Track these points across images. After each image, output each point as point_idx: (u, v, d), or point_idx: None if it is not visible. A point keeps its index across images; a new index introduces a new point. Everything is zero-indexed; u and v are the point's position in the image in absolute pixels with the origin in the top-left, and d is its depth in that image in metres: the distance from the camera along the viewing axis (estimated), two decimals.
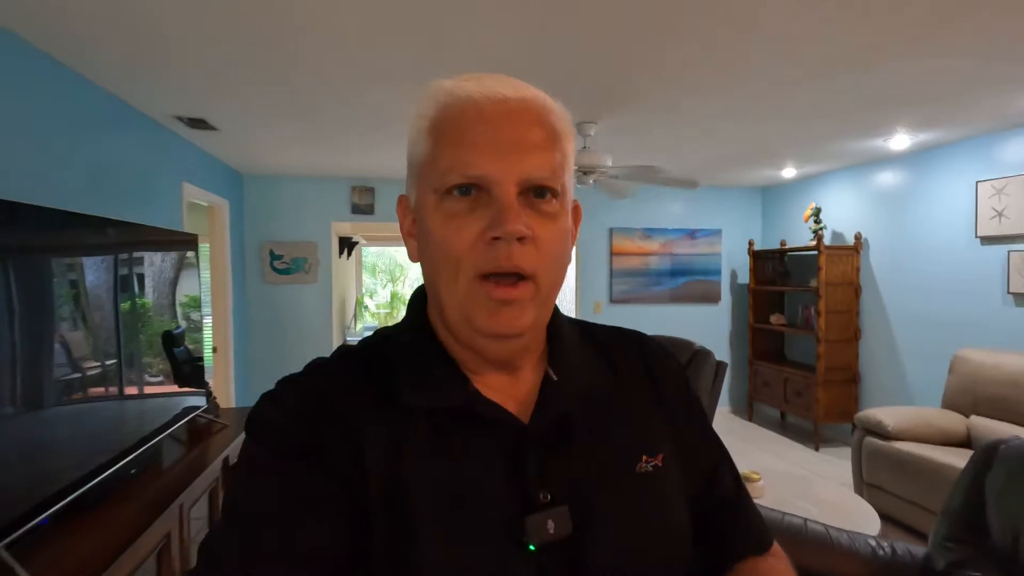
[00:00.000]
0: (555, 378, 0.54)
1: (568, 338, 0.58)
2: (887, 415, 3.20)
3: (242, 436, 1.78)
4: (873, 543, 1.72)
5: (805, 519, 1.84)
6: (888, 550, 1.69)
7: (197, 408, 2.39)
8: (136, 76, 2.33)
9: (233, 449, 2.36)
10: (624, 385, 0.58)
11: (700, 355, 3.38)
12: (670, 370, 0.62)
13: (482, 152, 0.47)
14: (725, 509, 0.61)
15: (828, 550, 1.71)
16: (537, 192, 0.48)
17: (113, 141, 2.55)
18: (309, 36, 1.98)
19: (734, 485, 0.63)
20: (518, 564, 0.46)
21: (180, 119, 2.92)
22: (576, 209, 0.56)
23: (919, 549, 1.68)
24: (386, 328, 0.60)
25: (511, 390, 0.53)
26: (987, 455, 1.56)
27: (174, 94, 2.58)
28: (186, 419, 2.28)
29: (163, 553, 1.69)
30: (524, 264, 0.47)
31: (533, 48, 2.12)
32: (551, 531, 0.47)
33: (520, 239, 0.47)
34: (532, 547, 0.46)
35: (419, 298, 0.58)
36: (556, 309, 0.58)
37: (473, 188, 0.48)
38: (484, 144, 0.47)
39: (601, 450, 0.53)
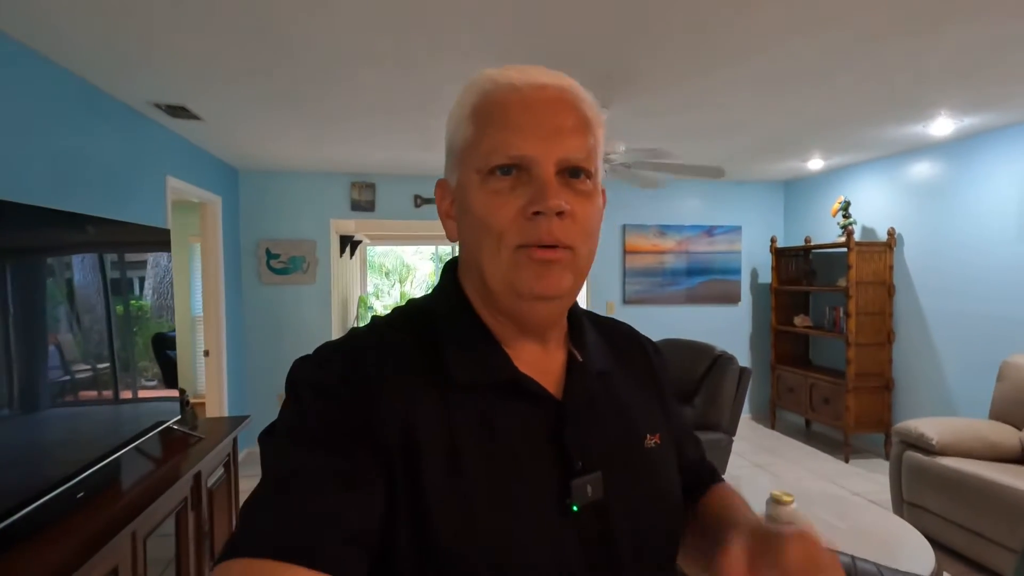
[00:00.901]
0: (580, 359, 0.59)
1: (584, 323, 0.63)
2: (930, 427, 2.90)
3: (220, 446, 1.53)
4: None
5: (853, 557, 1.58)
6: None
7: (167, 420, 2.18)
8: (108, 59, 2.13)
9: (207, 464, 2.14)
10: (627, 370, 0.64)
11: (722, 360, 3.12)
12: (661, 360, 0.70)
13: (525, 134, 0.51)
14: (695, 462, 0.71)
15: None
16: (572, 172, 0.52)
17: (84, 130, 2.35)
18: (298, 16, 1.75)
19: (695, 442, 0.72)
20: (563, 524, 0.51)
21: (159, 106, 2.72)
22: (602, 193, 0.59)
23: None
24: (416, 299, 0.61)
25: (544, 367, 0.57)
26: None
27: (150, 78, 2.37)
28: (152, 433, 2.06)
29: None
30: (563, 237, 0.51)
31: (540, 28, 1.88)
32: (589, 494, 0.52)
33: (559, 214, 0.50)
34: (575, 508, 0.51)
35: (453, 270, 0.60)
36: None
37: (514, 168, 0.51)
38: (527, 127, 0.51)
39: (617, 426, 0.58)
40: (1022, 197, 3.21)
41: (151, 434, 2.06)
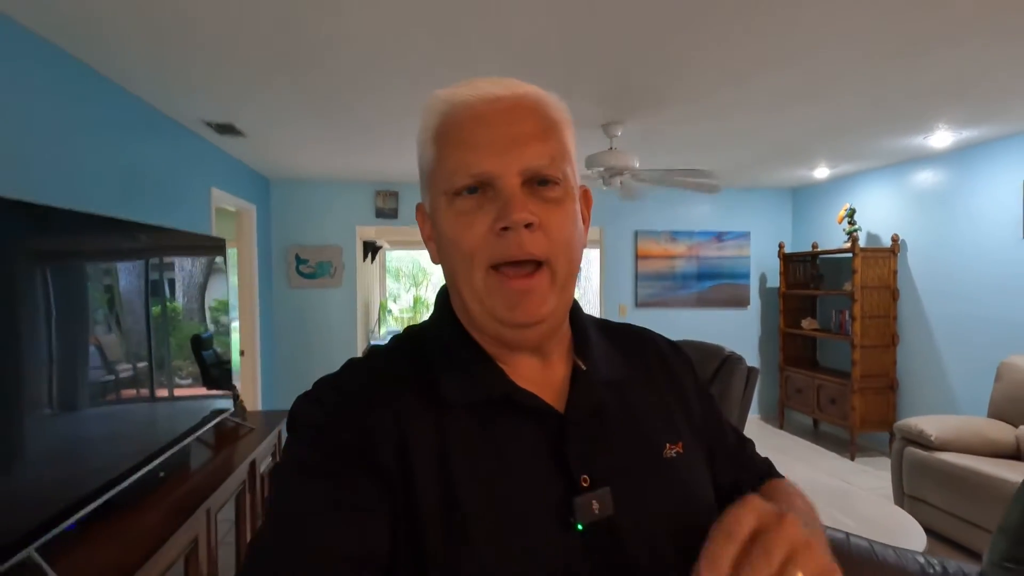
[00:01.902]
0: (584, 368, 0.56)
1: (589, 331, 0.61)
2: (930, 424, 3.05)
3: (268, 438, 1.76)
4: (922, 560, 1.63)
5: (847, 533, 1.75)
6: (938, 568, 1.59)
7: (224, 411, 2.40)
8: (167, 83, 2.36)
9: (260, 453, 2.36)
10: (641, 378, 0.61)
11: (731, 361, 3.29)
12: (682, 364, 0.66)
13: (482, 150, 0.49)
14: (736, 464, 0.66)
15: (874, 568, 1.62)
16: (540, 181, 0.50)
17: (145, 147, 2.59)
18: (336, 42, 1.97)
19: (740, 447, 0.68)
20: (567, 544, 0.48)
21: (209, 125, 2.96)
22: (585, 194, 0.58)
23: (972, 568, 1.58)
24: (413, 326, 0.61)
25: (544, 380, 0.55)
26: None
27: (204, 100, 2.61)
28: (213, 422, 2.28)
29: (190, 558, 1.69)
30: (535, 250, 0.49)
31: (561, 49, 2.08)
32: (596, 511, 0.49)
33: (528, 226, 0.48)
34: (580, 526, 0.48)
35: (445, 296, 0.60)
36: (577, 304, 0.61)
37: (479, 187, 0.50)
38: (483, 143, 0.50)
39: (630, 437, 0.55)
40: (1019, 204, 3.37)
41: (210, 424, 2.29)
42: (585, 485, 0.50)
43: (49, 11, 1.72)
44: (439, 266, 0.56)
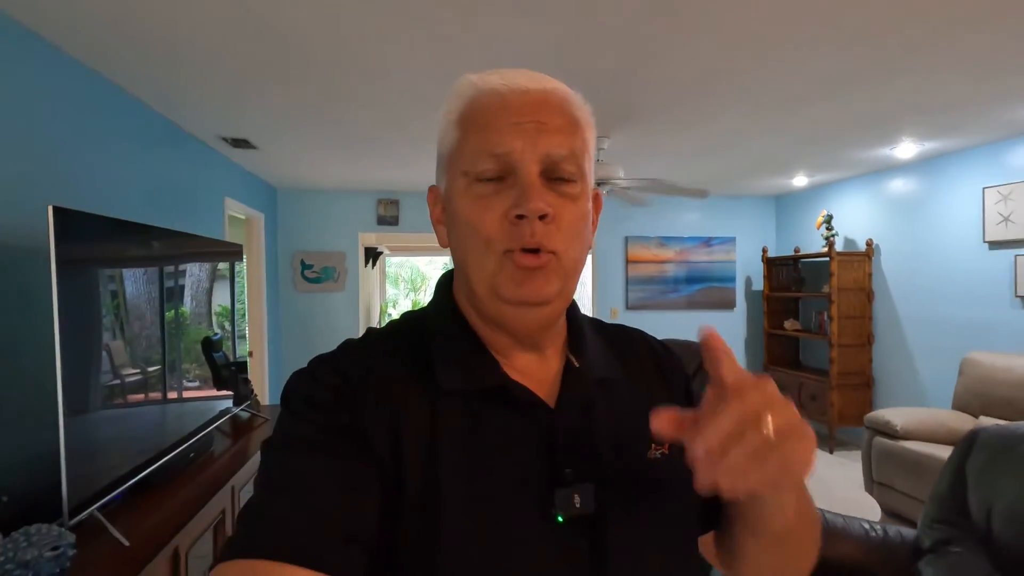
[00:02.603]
0: (577, 365, 0.57)
1: (585, 329, 0.62)
2: (896, 415, 3.28)
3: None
4: (866, 526, 1.85)
5: (821, 511, 1.96)
6: (880, 532, 1.81)
7: (244, 402, 2.62)
8: (188, 102, 2.59)
9: None
10: (633, 377, 0.61)
11: None
12: (675, 367, 0.66)
13: (506, 132, 0.50)
14: None
15: (823, 532, 1.84)
16: (558, 177, 0.52)
17: (168, 160, 2.81)
18: (341, 63, 2.20)
19: None
20: (544, 535, 0.49)
21: (225, 139, 3.18)
22: (596, 198, 0.59)
23: (909, 531, 1.80)
24: (411, 312, 0.62)
25: (537, 374, 0.56)
26: (969, 442, 1.69)
27: (220, 117, 2.83)
28: (234, 412, 2.50)
29: (219, 527, 1.90)
30: (545, 240, 0.50)
31: (551, 70, 2.31)
32: (577, 505, 0.50)
33: (542, 217, 0.49)
34: (560, 518, 0.49)
35: (446, 283, 0.61)
36: (574, 302, 0.61)
37: (500, 175, 0.51)
38: (508, 126, 0.51)
39: (617, 436, 0.55)
40: (979, 211, 3.61)
41: (230, 414, 2.50)
42: (569, 479, 0.51)
43: (90, 40, 1.94)
44: (448, 249, 0.57)
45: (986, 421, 3.19)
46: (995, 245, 3.53)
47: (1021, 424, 1.57)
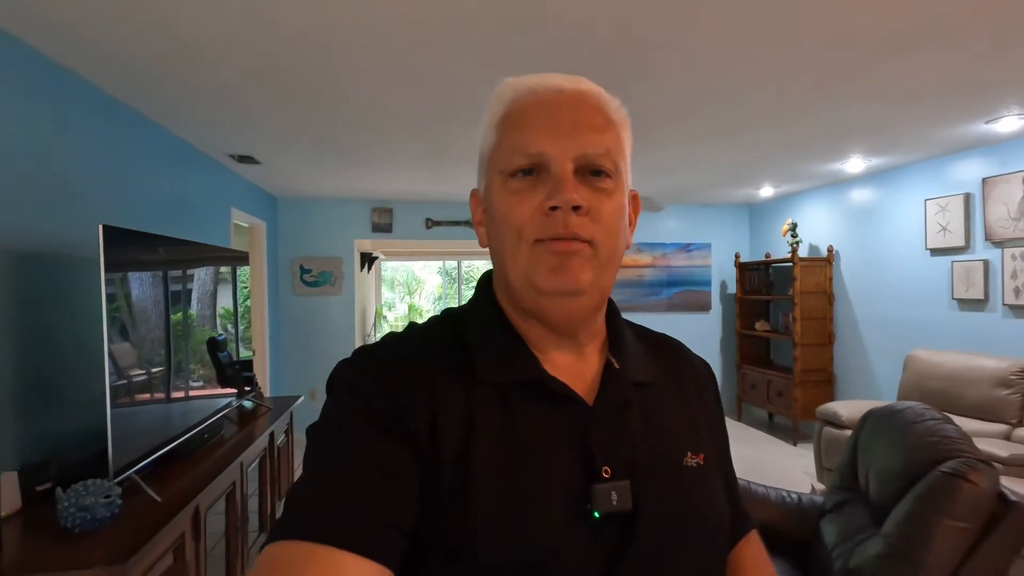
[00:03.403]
0: (616, 366, 0.58)
1: (625, 332, 0.62)
2: (843, 407, 3.60)
3: (282, 417, 2.37)
4: (784, 494, 2.17)
5: (748, 481, 2.27)
6: (795, 498, 2.13)
7: (249, 393, 2.93)
8: (200, 124, 2.91)
9: (276, 426, 2.88)
10: (671, 386, 0.62)
11: None
12: (710, 378, 0.69)
13: (540, 133, 0.52)
14: (734, 500, 0.66)
15: (749, 499, 2.16)
16: (593, 171, 0.52)
17: (182, 176, 3.13)
18: (340, 94, 2.53)
19: (734, 478, 0.70)
20: (577, 531, 0.49)
21: (232, 156, 3.50)
22: (635, 198, 0.61)
23: (819, 498, 2.11)
24: (452, 308, 0.63)
25: (576, 371, 0.57)
26: (863, 421, 2.00)
27: (228, 136, 3.15)
28: (242, 401, 2.81)
29: (230, 495, 2.20)
30: (579, 230, 0.50)
31: None
32: (614, 502, 0.50)
33: (575, 208, 0.50)
34: (597, 514, 0.49)
35: (487, 281, 0.62)
36: (614, 304, 0.63)
37: (534, 169, 0.52)
38: (542, 126, 0.52)
39: (654, 439, 0.56)
40: (922, 221, 3.94)
41: (238, 403, 2.81)
42: (606, 476, 0.51)
43: (124, 76, 2.26)
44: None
45: None
46: (935, 252, 3.86)
47: (899, 403, 1.89)
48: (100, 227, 1.62)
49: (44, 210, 1.97)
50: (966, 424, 3.26)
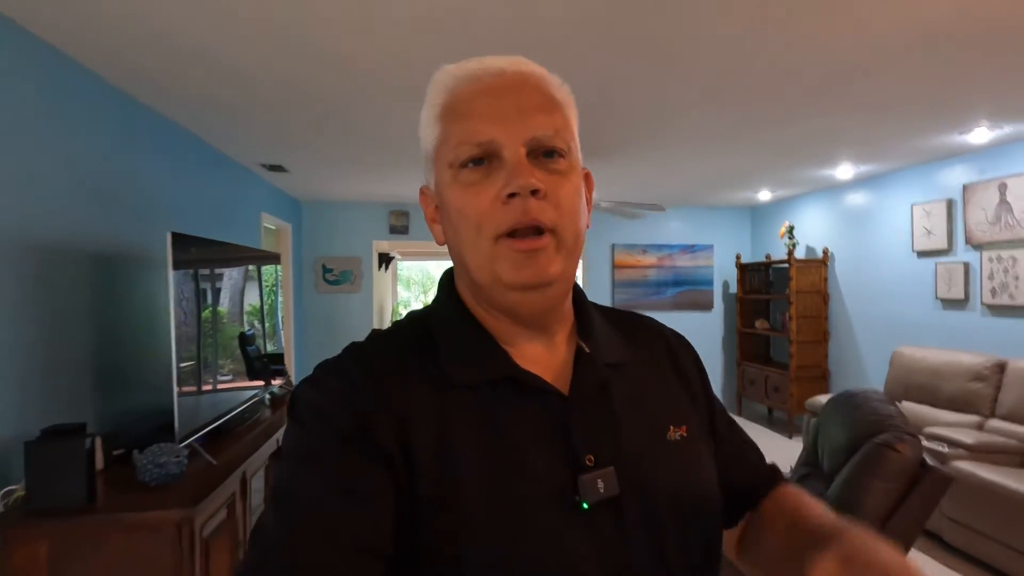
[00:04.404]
0: (588, 350, 0.56)
1: (593, 315, 0.61)
2: (828, 400, 3.83)
3: None
4: None
5: None
6: None
7: (283, 380, 3.26)
8: (236, 137, 3.24)
9: None
10: (645, 362, 0.61)
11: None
12: (686, 349, 0.67)
13: (487, 120, 0.50)
14: (735, 459, 0.65)
15: None
16: (546, 153, 0.51)
17: (220, 184, 3.47)
18: (361, 109, 2.84)
19: (735, 434, 0.68)
20: (572, 523, 0.48)
21: (264, 165, 3.84)
22: (588, 177, 0.58)
23: (789, 474, 2.37)
24: (416, 310, 0.61)
25: (547, 362, 0.55)
26: (826, 405, 2.26)
27: (261, 148, 3.48)
28: (274, 388, 3.14)
29: (268, 469, 2.53)
30: (542, 217, 0.49)
31: None
32: (601, 490, 0.49)
33: (534, 192, 0.48)
34: (586, 505, 0.48)
35: (449, 279, 0.60)
36: (580, 288, 0.62)
37: (485, 158, 0.50)
38: (488, 113, 0.50)
39: (634, 419, 0.55)
40: (908, 225, 4.15)
41: (271, 389, 3.14)
42: (590, 464, 0.50)
43: (176, 97, 2.60)
44: (445, 247, 0.57)
45: (907, 405, 3.74)
46: (921, 254, 4.07)
47: (854, 389, 2.15)
48: (169, 234, 1.95)
49: (113, 218, 2.30)
50: (943, 415, 3.49)
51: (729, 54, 2.15)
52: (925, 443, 3.09)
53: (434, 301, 0.61)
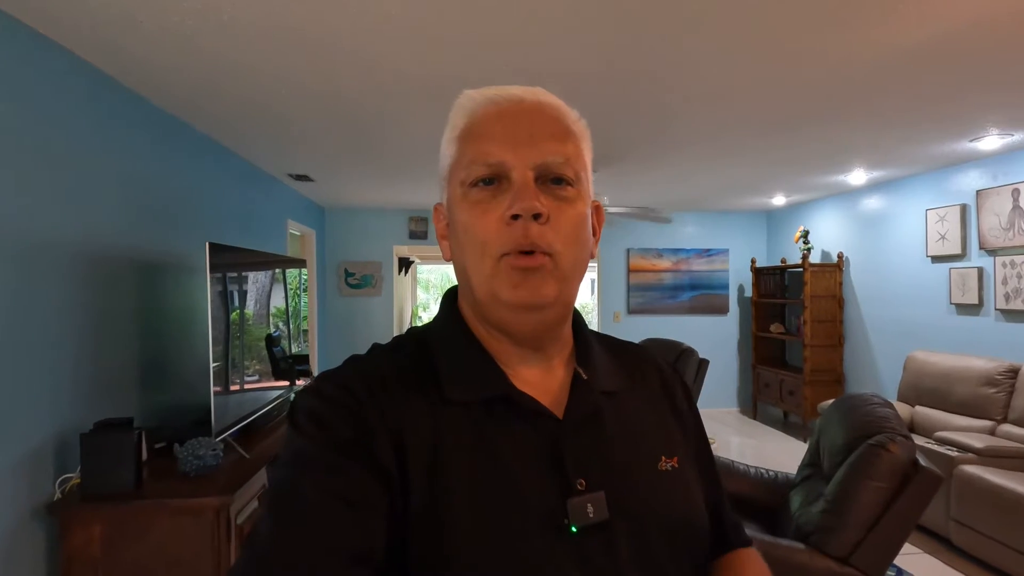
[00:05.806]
0: (585, 376, 0.57)
1: (592, 343, 0.62)
2: None
3: None
4: (762, 471, 2.51)
5: (732, 460, 2.63)
6: (771, 475, 2.47)
7: (308, 381, 3.43)
8: (265, 150, 3.42)
9: None
10: (641, 393, 0.62)
11: (685, 353, 4.17)
12: (680, 384, 0.67)
13: (500, 142, 0.52)
14: (716, 507, 0.64)
15: (728, 474, 2.51)
16: (554, 180, 0.53)
17: (248, 192, 3.65)
18: (383, 122, 2.99)
19: (719, 486, 0.68)
20: (559, 547, 0.48)
21: (291, 175, 4.03)
22: (598, 209, 0.60)
23: (792, 473, 2.45)
24: (416, 327, 0.62)
25: (545, 385, 0.56)
26: (828, 408, 2.33)
27: (289, 159, 3.66)
28: (300, 387, 3.31)
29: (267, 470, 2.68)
30: (540, 240, 0.50)
31: None
32: (591, 515, 0.49)
33: (536, 217, 0.50)
34: (574, 529, 0.49)
35: (451, 297, 0.62)
36: (580, 315, 0.63)
37: (495, 179, 0.52)
38: (502, 136, 0.53)
39: (626, 446, 0.56)
40: (923, 230, 4.17)
41: (295, 389, 3.31)
42: (581, 489, 0.50)
43: (213, 115, 2.78)
44: (451, 264, 0.58)
45: (919, 409, 3.76)
46: (936, 259, 4.08)
47: (855, 393, 2.22)
48: (207, 244, 2.11)
49: (155, 228, 2.48)
50: (955, 420, 3.51)
51: (740, 70, 2.25)
52: (935, 447, 3.14)
53: (435, 319, 0.62)
